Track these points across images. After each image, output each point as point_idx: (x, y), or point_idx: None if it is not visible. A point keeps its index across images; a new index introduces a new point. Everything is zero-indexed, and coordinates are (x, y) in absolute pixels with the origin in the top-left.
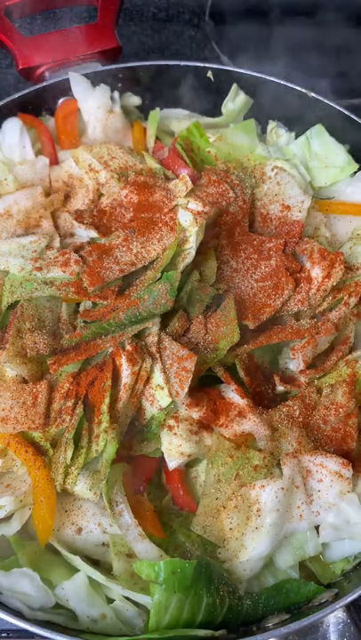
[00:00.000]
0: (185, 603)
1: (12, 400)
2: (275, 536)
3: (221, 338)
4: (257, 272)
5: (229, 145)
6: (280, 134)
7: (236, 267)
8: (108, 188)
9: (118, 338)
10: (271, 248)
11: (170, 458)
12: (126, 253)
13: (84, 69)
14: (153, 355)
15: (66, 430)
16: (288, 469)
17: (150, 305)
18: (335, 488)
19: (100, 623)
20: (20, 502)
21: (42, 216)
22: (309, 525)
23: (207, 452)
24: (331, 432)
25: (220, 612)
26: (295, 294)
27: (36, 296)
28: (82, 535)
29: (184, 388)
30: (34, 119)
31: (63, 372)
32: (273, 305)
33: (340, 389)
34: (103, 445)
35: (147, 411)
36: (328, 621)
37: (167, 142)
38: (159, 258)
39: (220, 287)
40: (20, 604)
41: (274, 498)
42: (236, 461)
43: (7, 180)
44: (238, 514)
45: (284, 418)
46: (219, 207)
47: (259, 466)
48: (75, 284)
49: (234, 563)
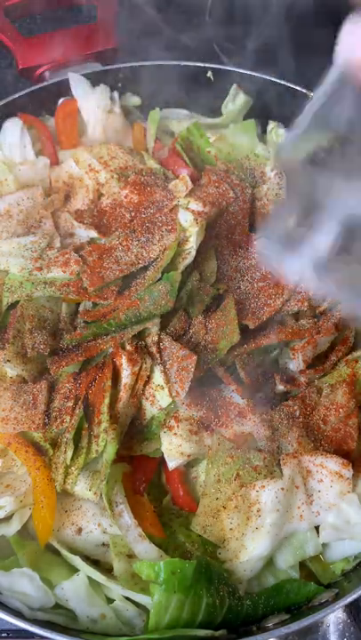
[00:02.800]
0: (185, 603)
1: (12, 400)
2: (275, 536)
3: (221, 338)
4: (257, 272)
5: (229, 145)
6: (280, 134)
7: (236, 267)
8: (108, 188)
9: (118, 338)
10: None
11: (170, 458)
12: (126, 253)
13: (84, 69)
14: (153, 355)
15: (66, 430)
16: (288, 469)
17: (150, 305)
18: (335, 488)
19: (99, 623)
20: (20, 502)
21: (42, 216)
22: (310, 525)
23: (207, 452)
24: (331, 432)
25: (220, 612)
26: (295, 294)
27: (37, 296)
28: (82, 535)
29: (184, 387)
30: (34, 119)
31: (63, 373)
32: (273, 305)
33: (340, 389)
34: (103, 446)
35: (147, 411)
36: (328, 621)
37: (167, 142)
38: (159, 258)
39: (220, 287)
40: (19, 603)
41: (274, 498)
42: (237, 461)
43: (8, 180)
44: (238, 514)
45: (284, 418)
46: (219, 207)
47: (259, 466)
48: (75, 284)
49: (234, 563)
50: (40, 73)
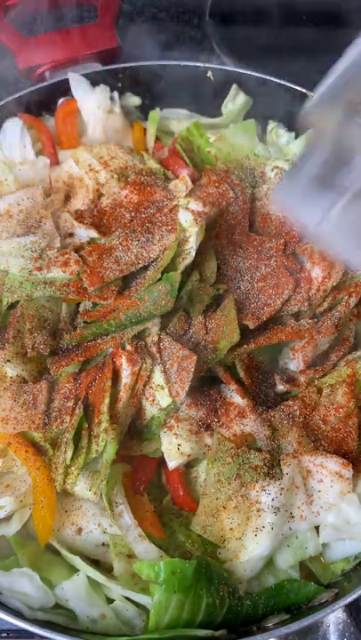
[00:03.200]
0: (185, 603)
1: (12, 400)
2: (275, 536)
3: (221, 338)
4: (257, 272)
5: (229, 145)
6: (280, 134)
7: (236, 267)
8: (108, 188)
9: (118, 338)
10: (271, 248)
11: (170, 458)
12: (126, 253)
13: (84, 69)
14: (153, 355)
15: (66, 430)
16: (288, 470)
17: (150, 305)
18: (335, 488)
19: (99, 623)
20: (19, 502)
21: (42, 216)
22: (310, 526)
23: (207, 451)
24: (331, 432)
25: (220, 612)
26: (295, 294)
27: (37, 296)
28: (82, 535)
29: (184, 388)
30: (34, 119)
31: (63, 373)
32: (273, 305)
33: (340, 389)
34: (103, 446)
35: (147, 411)
36: (328, 621)
37: (167, 142)
38: (159, 258)
39: (220, 287)
40: (19, 603)
41: (274, 498)
42: (237, 461)
43: (8, 181)
44: (239, 514)
45: (284, 418)
46: (219, 207)
47: (259, 466)
48: (75, 284)
49: (234, 563)
50: (40, 73)
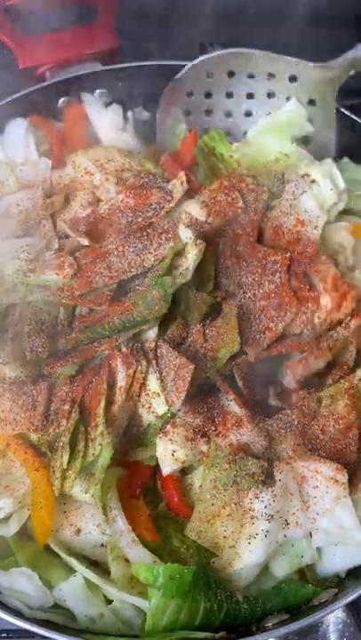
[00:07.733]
0: (182, 608)
1: (11, 401)
2: (269, 544)
3: (221, 346)
4: (260, 289)
5: (255, 150)
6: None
7: (238, 281)
8: (105, 191)
9: (114, 341)
10: (277, 262)
11: (164, 463)
12: (120, 259)
13: (84, 69)
14: (149, 359)
15: (62, 434)
16: (281, 476)
17: (144, 310)
18: (331, 494)
19: (98, 622)
20: (18, 503)
21: (42, 217)
22: (306, 532)
23: (202, 458)
24: (329, 442)
25: (218, 616)
26: (300, 313)
27: (33, 299)
28: (80, 536)
29: (180, 397)
30: (44, 121)
31: (61, 375)
32: (275, 329)
33: (341, 401)
34: (99, 449)
35: (143, 418)
36: (328, 621)
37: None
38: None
39: (218, 294)
40: (19, 603)
41: (267, 505)
42: (234, 468)
43: (8, 181)
44: (232, 521)
45: (282, 426)
46: (223, 218)
47: (256, 473)
48: (69, 288)
49: (228, 571)
50: (40, 73)
